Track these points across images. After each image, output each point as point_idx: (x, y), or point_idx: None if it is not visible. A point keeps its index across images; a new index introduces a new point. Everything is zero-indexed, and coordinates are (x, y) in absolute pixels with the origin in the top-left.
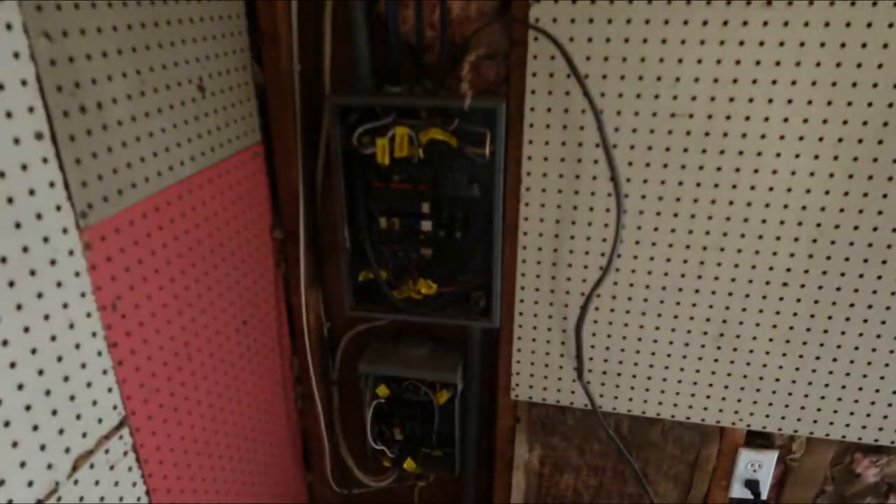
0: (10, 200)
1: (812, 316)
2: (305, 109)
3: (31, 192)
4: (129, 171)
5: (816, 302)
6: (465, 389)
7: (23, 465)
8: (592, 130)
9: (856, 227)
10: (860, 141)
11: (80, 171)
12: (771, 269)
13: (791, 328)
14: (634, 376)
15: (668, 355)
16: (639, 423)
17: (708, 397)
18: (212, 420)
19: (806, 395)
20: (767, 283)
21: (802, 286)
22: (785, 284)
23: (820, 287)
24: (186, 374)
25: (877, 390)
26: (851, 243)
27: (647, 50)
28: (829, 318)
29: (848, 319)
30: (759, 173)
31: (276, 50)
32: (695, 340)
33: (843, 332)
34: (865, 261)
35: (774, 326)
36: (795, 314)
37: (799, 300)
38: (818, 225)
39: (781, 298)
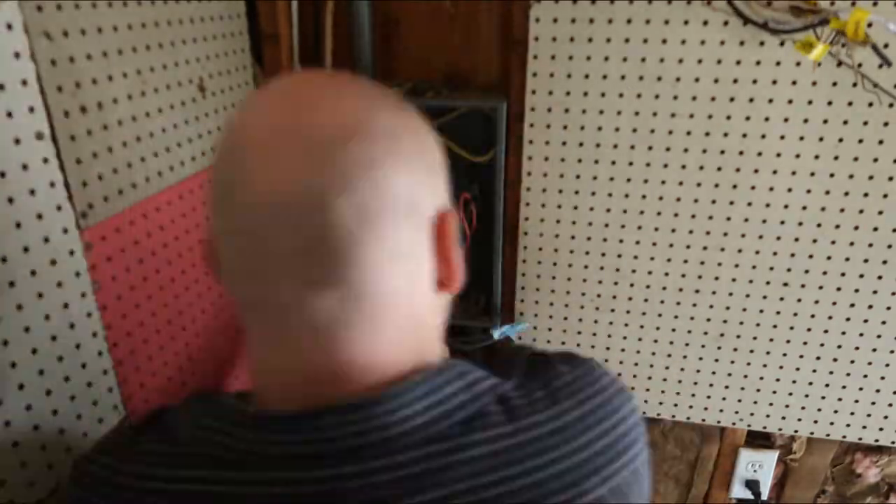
0: (10, 200)
1: (812, 316)
2: None
3: (32, 192)
4: (130, 171)
5: (817, 302)
6: None
7: (23, 465)
8: (593, 130)
9: (856, 227)
10: (860, 141)
11: (80, 171)
12: (771, 269)
13: (791, 328)
14: (635, 376)
15: (669, 355)
16: None
17: (708, 397)
18: None
19: (806, 395)
20: (768, 283)
21: (803, 286)
22: (785, 284)
23: (820, 287)
24: (187, 376)
25: (877, 390)
26: (852, 243)
27: (648, 50)
28: (830, 318)
29: (848, 319)
30: (759, 173)
31: (277, 50)
32: (695, 340)
33: (843, 332)
34: (866, 261)
35: (775, 326)
36: (796, 314)
37: (799, 300)
38: (819, 225)
39: (782, 298)
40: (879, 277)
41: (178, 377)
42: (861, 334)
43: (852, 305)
